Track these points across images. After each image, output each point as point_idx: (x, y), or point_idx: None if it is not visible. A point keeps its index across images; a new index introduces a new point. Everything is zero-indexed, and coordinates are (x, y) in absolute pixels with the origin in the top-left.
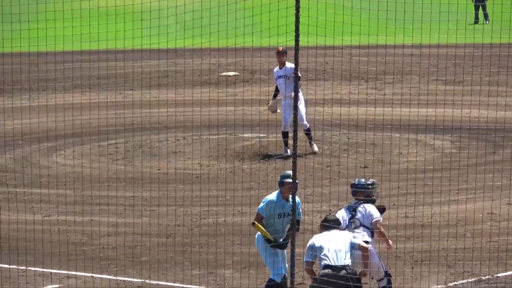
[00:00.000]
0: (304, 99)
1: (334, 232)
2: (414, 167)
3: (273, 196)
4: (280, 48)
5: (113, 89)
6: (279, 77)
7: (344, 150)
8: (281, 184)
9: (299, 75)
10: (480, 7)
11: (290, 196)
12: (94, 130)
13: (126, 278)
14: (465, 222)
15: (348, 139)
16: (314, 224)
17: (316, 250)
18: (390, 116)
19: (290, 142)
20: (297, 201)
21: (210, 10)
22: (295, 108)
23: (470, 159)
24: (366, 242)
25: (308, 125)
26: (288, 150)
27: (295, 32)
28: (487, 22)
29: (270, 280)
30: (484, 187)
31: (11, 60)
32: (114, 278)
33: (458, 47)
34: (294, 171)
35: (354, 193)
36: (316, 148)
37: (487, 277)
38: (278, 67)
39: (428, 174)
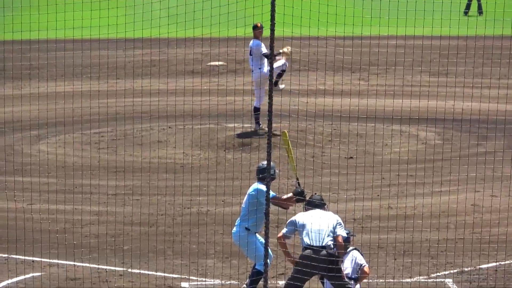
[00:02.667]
0: None
1: (319, 212)
2: (398, 158)
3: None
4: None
5: (99, 78)
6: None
7: (329, 141)
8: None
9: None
10: None
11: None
12: (79, 119)
13: (108, 267)
14: (448, 214)
15: (333, 130)
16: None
17: (298, 227)
18: (375, 107)
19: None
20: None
21: None
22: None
23: (455, 151)
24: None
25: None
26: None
27: (271, 21)
28: (481, 15)
29: (258, 271)
30: (467, 179)
31: None
32: (97, 266)
33: (444, 38)
34: (269, 160)
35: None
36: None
37: (469, 268)
38: (258, 40)
39: (412, 165)
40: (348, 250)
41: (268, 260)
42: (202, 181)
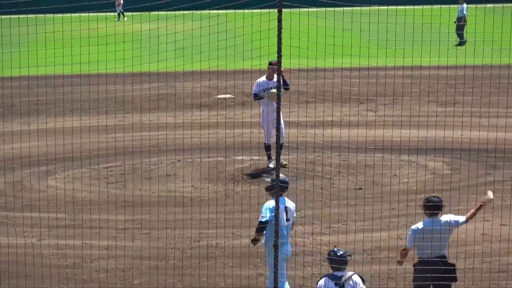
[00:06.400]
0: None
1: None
2: (407, 188)
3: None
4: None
5: (107, 113)
6: (268, 88)
7: (338, 172)
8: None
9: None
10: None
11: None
12: (87, 154)
13: None
14: (457, 243)
15: (342, 161)
16: (307, 246)
17: None
18: (383, 137)
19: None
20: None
21: (200, 32)
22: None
23: (463, 180)
24: None
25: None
26: (272, 162)
27: (278, 53)
28: (462, 44)
29: None
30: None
31: (2, 84)
32: None
33: (451, 68)
34: (277, 194)
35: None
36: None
37: None
38: (265, 78)
39: (421, 195)
40: (348, 275)
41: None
42: (212, 214)
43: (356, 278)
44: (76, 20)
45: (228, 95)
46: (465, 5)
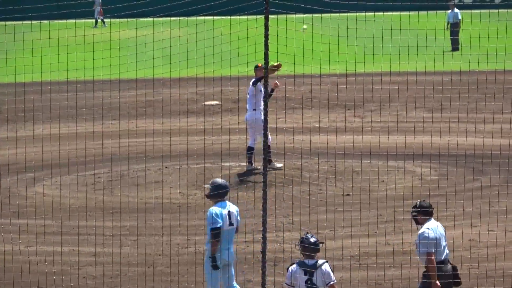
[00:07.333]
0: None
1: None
2: (394, 194)
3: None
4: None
5: (95, 119)
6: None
7: (325, 178)
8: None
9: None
10: (452, 33)
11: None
12: (75, 161)
13: None
14: None
15: (329, 167)
16: (294, 252)
17: None
18: (370, 143)
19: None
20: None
21: (187, 38)
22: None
23: (451, 186)
24: None
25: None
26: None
27: (264, 60)
28: (455, 50)
29: None
30: (464, 214)
31: None
32: None
33: (438, 74)
34: (265, 199)
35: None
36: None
37: None
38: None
39: (408, 201)
40: (318, 264)
41: None
42: (199, 220)
43: (326, 267)
44: (63, 27)
45: (215, 102)
46: (456, 10)
